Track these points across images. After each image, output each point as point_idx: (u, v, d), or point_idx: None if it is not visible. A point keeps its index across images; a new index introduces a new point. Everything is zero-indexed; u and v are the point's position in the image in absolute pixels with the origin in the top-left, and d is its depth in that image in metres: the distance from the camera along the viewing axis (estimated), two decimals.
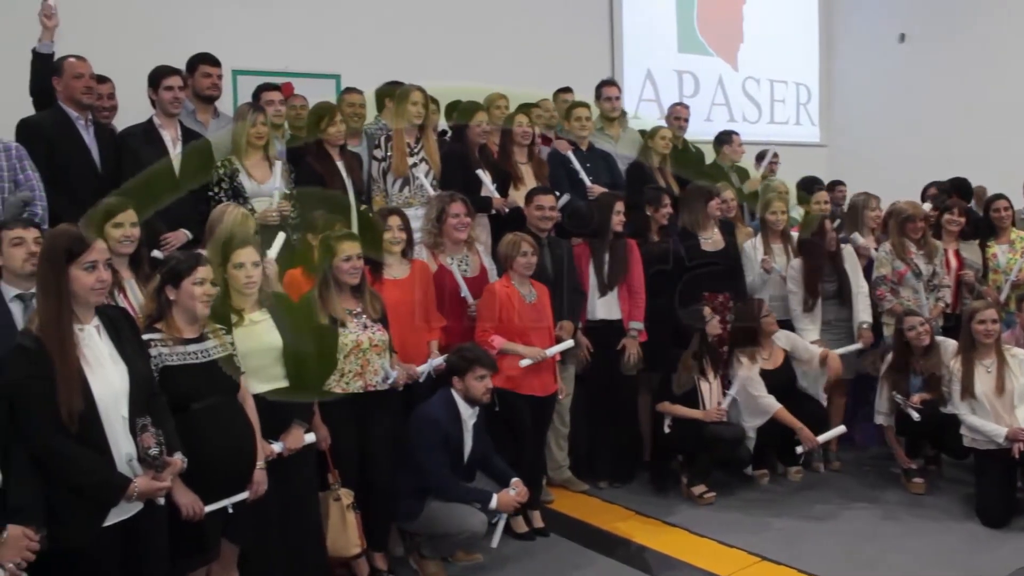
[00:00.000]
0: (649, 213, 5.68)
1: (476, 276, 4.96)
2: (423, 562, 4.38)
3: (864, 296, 5.78)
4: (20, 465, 2.74)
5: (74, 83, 4.71)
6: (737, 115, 10.34)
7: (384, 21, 7.56)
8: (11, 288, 3.44)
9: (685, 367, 5.38)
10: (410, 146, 5.27)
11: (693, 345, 5.38)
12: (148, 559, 3.03)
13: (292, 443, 3.68)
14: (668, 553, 4.64)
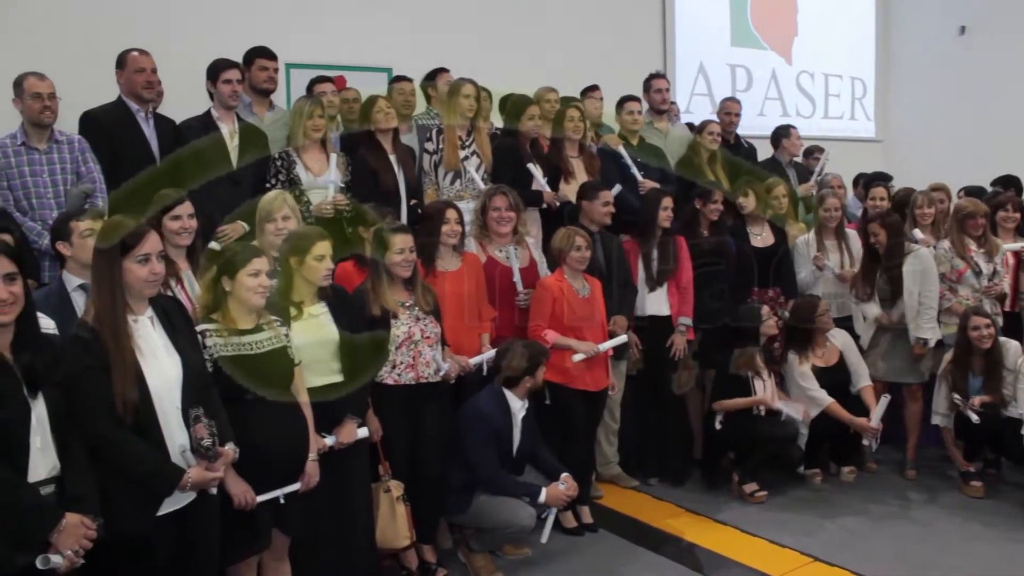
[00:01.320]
0: (699, 208, 5.63)
1: (526, 267, 4.95)
2: (471, 555, 4.39)
3: (930, 314, 5.50)
4: (77, 455, 2.76)
5: (135, 77, 4.80)
6: (791, 110, 10.19)
7: (435, 14, 7.57)
8: (73, 278, 3.50)
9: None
10: (461, 139, 5.28)
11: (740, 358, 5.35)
12: (201, 548, 3.06)
13: (344, 437, 3.70)
14: (718, 551, 4.60)
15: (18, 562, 2.59)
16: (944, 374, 5.34)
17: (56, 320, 3.06)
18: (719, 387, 5.40)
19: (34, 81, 4.44)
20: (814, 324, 5.46)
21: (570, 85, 6.65)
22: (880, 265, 5.57)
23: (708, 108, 9.05)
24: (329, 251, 3.65)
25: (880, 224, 5.58)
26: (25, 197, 4.40)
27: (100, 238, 2.99)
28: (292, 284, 3.67)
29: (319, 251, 3.66)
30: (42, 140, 4.46)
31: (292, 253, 3.67)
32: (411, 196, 5.13)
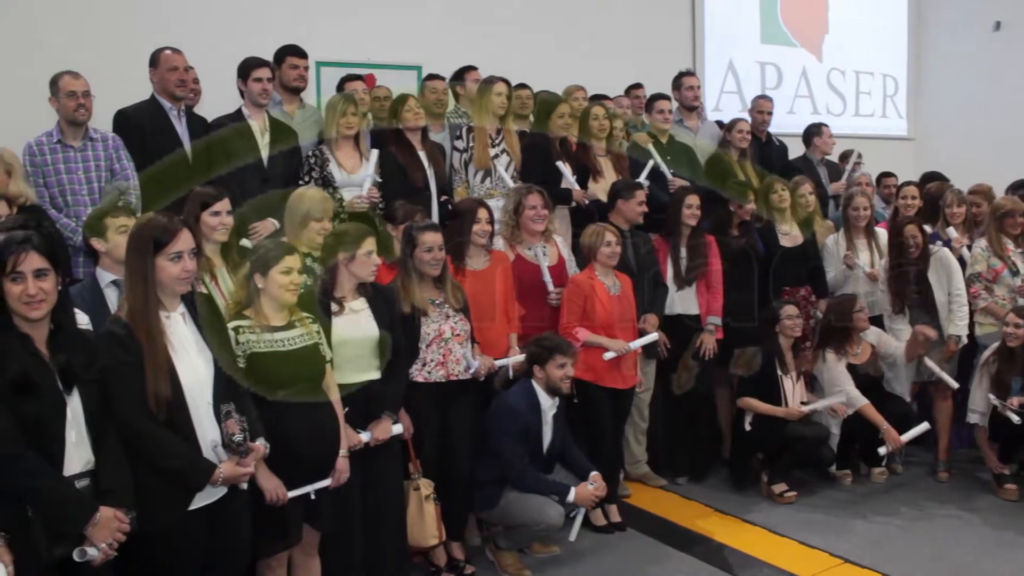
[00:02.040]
0: (733, 208, 5.61)
1: (554, 265, 4.94)
2: (499, 553, 4.39)
3: (962, 308, 5.49)
4: (112, 449, 2.80)
5: (168, 75, 4.84)
6: (821, 108, 10.08)
7: (465, 12, 7.58)
8: (107, 274, 3.53)
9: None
10: (491, 137, 5.27)
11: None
12: (231, 542, 3.09)
13: (380, 433, 3.72)
14: (748, 552, 4.57)
15: (55, 554, 2.64)
16: (983, 374, 5.26)
17: (89, 316, 3.10)
18: (746, 386, 5.37)
19: (69, 80, 4.49)
20: (851, 323, 5.41)
21: (599, 83, 6.66)
22: (910, 269, 5.51)
23: (738, 106, 9.00)
24: (375, 247, 3.70)
25: (918, 226, 5.53)
26: (60, 194, 4.47)
27: (133, 235, 3.03)
28: (336, 280, 3.71)
29: (368, 246, 3.70)
30: (77, 138, 4.52)
31: (341, 249, 3.69)
32: (441, 193, 5.15)
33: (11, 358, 2.61)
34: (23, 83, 5.12)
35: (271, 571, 3.46)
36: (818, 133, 6.95)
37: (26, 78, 5.04)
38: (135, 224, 3.26)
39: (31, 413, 2.61)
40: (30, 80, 4.81)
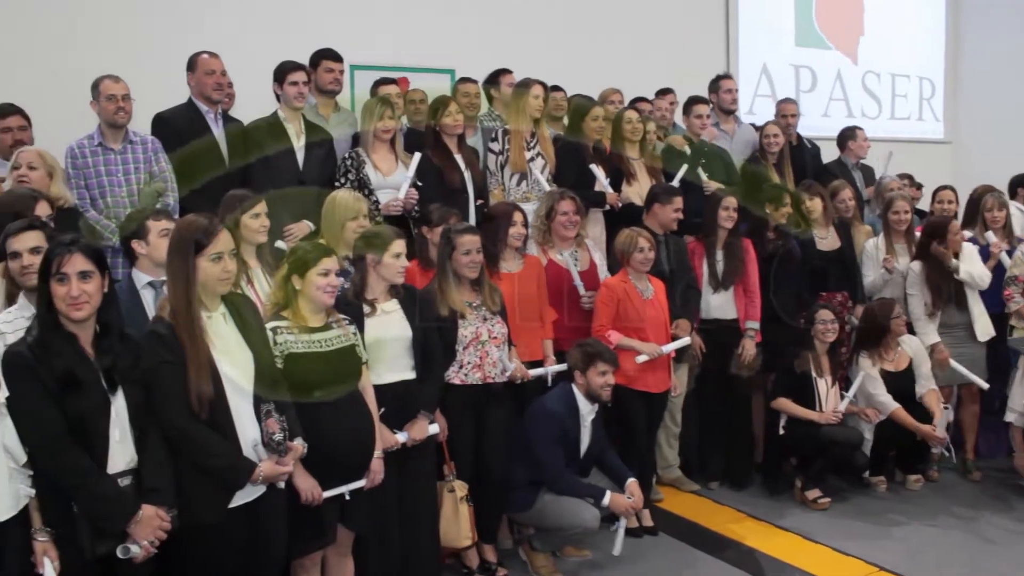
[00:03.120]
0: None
1: (586, 270, 4.94)
2: (532, 555, 4.40)
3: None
4: (154, 447, 2.85)
5: (205, 79, 4.91)
6: (856, 111, 9.98)
7: (498, 16, 7.58)
8: (143, 275, 3.57)
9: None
10: (527, 140, 5.28)
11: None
12: (269, 541, 3.11)
13: (416, 434, 3.74)
14: (781, 558, 4.54)
15: (99, 550, 2.69)
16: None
17: (126, 316, 3.13)
18: (780, 388, 5.33)
19: (109, 83, 4.56)
20: (888, 325, 5.35)
21: (632, 86, 6.64)
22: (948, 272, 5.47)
23: (771, 110, 8.88)
24: (404, 249, 3.73)
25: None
26: (100, 196, 4.52)
27: (174, 237, 3.07)
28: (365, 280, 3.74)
29: (396, 249, 3.72)
30: (117, 140, 4.58)
31: (369, 250, 3.72)
32: (477, 196, 5.16)
33: (58, 357, 2.67)
34: (65, 87, 5.19)
35: (305, 571, 3.48)
36: (852, 137, 6.90)
37: (68, 82, 5.10)
38: (176, 225, 3.31)
39: (77, 411, 2.67)
40: (72, 84, 4.88)
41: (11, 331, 2.89)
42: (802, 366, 5.26)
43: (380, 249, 3.71)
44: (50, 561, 2.63)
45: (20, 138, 4.73)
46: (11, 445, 2.61)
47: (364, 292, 3.74)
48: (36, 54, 5.90)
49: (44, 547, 2.64)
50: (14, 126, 4.75)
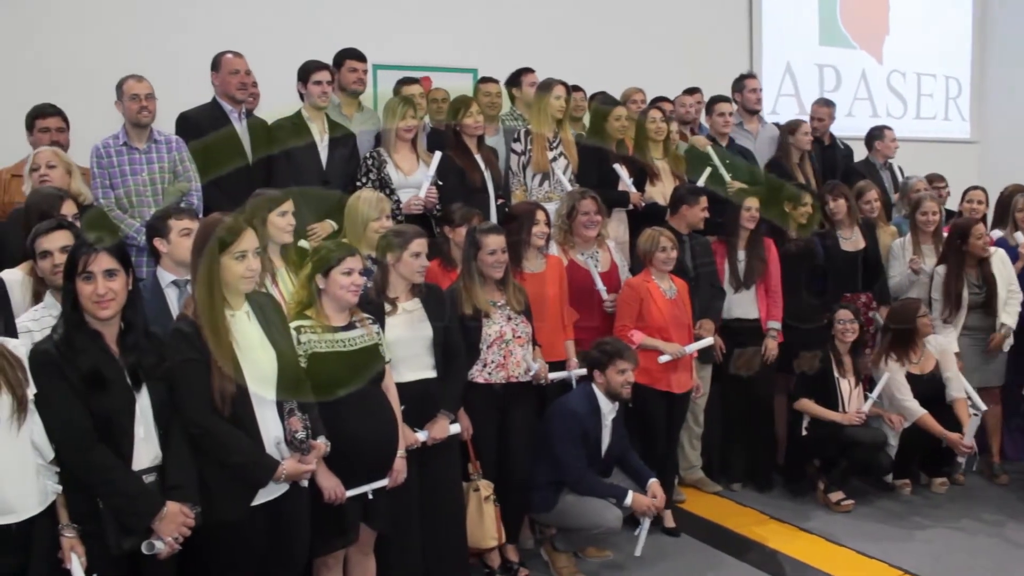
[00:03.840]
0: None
1: (607, 271, 4.93)
2: (554, 555, 4.39)
3: (1016, 300, 5.47)
4: (178, 444, 2.87)
5: (229, 79, 4.93)
6: (881, 110, 9.89)
7: (521, 15, 7.58)
8: (167, 274, 3.58)
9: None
10: (549, 140, 5.27)
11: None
12: (291, 539, 3.12)
13: (437, 433, 3.74)
14: (804, 560, 4.51)
15: (125, 546, 2.71)
16: None
17: (151, 315, 3.15)
18: (802, 389, 5.30)
19: (132, 83, 4.59)
20: (915, 325, 5.30)
21: (655, 85, 6.62)
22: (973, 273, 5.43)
23: (795, 109, 8.88)
24: (425, 248, 3.74)
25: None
26: (126, 195, 4.55)
27: (198, 235, 3.09)
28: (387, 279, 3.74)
29: (416, 248, 3.72)
30: (142, 140, 4.60)
31: (389, 249, 3.73)
32: (498, 195, 5.16)
33: (84, 355, 2.69)
34: (90, 87, 5.23)
35: (328, 569, 3.49)
36: (880, 136, 6.84)
37: (93, 82, 5.15)
38: (200, 224, 3.33)
39: (102, 409, 2.70)
40: (96, 84, 4.92)
41: (38, 329, 2.93)
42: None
43: (400, 248, 3.71)
44: (77, 557, 2.66)
45: (57, 139, 4.78)
46: (39, 442, 2.63)
47: (386, 291, 3.74)
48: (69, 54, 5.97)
49: (71, 543, 2.67)
50: (52, 127, 4.80)
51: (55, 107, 4.85)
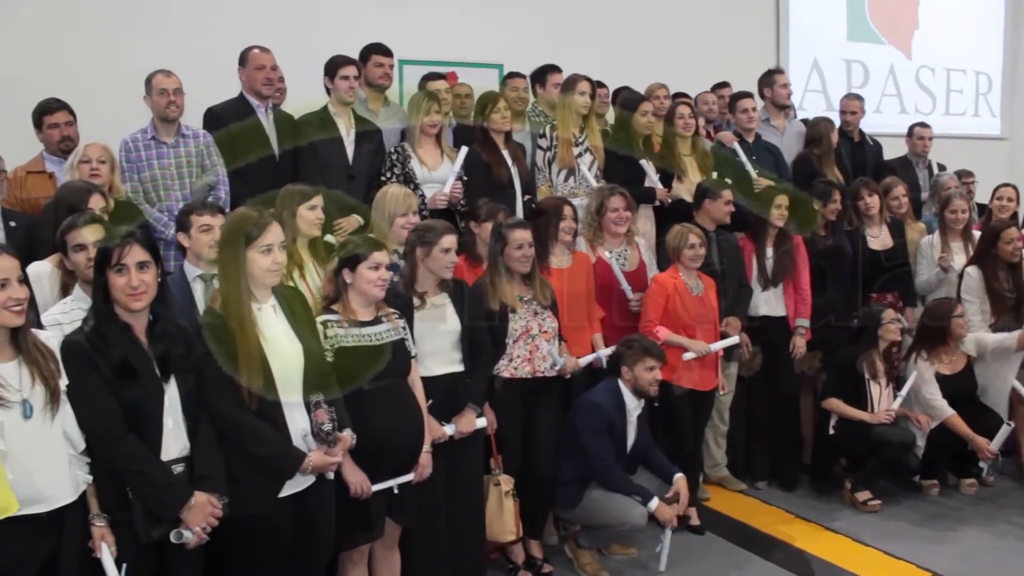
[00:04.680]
0: (817, 208, 5.49)
1: (634, 270, 4.91)
2: (578, 552, 4.38)
3: None
4: (206, 436, 2.89)
5: (255, 74, 4.94)
6: (909, 106, 9.78)
7: (547, 10, 7.57)
8: (193, 268, 3.62)
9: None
10: (574, 135, 5.25)
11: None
12: (317, 531, 3.14)
13: (464, 427, 3.74)
14: (830, 560, 4.47)
15: (153, 535, 2.74)
16: None
17: (178, 308, 3.17)
18: (832, 388, 5.25)
19: (161, 78, 4.62)
20: (949, 325, 5.24)
21: (681, 82, 6.58)
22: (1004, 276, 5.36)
23: (822, 105, 8.81)
24: (455, 244, 3.74)
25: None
26: (154, 188, 4.59)
27: (225, 229, 3.11)
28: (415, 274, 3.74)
29: (446, 244, 3.72)
30: (169, 134, 4.64)
31: (419, 244, 3.73)
32: (524, 191, 5.15)
33: (114, 347, 2.72)
34: (121, 82, 5.27)
35: (353, 564, 3.50)
36: (910, 133, 6.77)
37: (124, 77, 5.18)
38: (227, 217, 3.35)
39: (132, 399, 2.72)
40: (128, 79, 4.95)
41: (68, 322, 2.95)
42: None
43: (430, 243, 3.71)
44: (107, 545, 2.68)
45: (67, 133, 4.82)
46: (71, 432, 2.65)
47: (414, 285, 3.74)
48: (84, 49, 6.02)
49: (101, 532, 2.69)
50: (61, 122, 4.83)
51: (60, 101, 4.88)
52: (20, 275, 2.55)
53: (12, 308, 2.49)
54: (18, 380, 2.53)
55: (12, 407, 2.49)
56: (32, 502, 2.52)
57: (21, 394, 2.52)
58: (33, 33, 5.99)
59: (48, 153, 4.83)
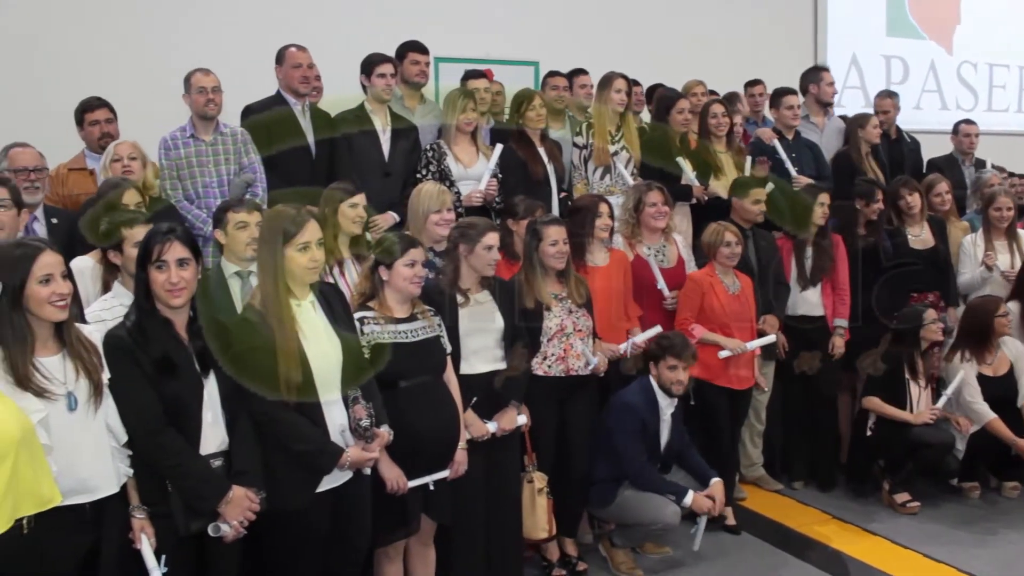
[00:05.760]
0: (859, 207, 5.43)
1: (673, 267, 4.88)
2: (612, 551, 4.37)
3: None
4: (244, 431, 2.91)
5: (292, 72, 4.97)
6: (950, 103, 9.65)
7: (582, 8, 7.56)
8: (230, 265, 3.65)
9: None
10: (611, 133, 5.23)
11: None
12: (353, 526, 3.16)
13: (506, 423, 3.74)
14: (868, 562, 4.42)
15: (192, 528, 2.77)
16: None
17: (215, 304, 3.20)
18: (871, 388, 5.18)
19: (200, 76, 4.67)
20: (992, 324, 5.16)
21: (718, 79, 6.54)
22: None
23: (861, 102, 8.67)
24: (497, 242, 3.74)
25: None
26: (192, 186, 4.63)
27: (263, 227, 3.14)
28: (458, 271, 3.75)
29: (488, 241, 3.72)
30: (208, 132, 4.68)
31: (461, 241, 3.73)
32: (560, 189, 5.14)
33: (155, 342, 2.75)
34: (160, 80, 5.34)
35: (388, 560, 3.51)
36: (955, 131, 6.67)
37: (163, 75, 5.24)
38: (265, 215, 3.37)
39: (172, 394, 2.75)
40: (167, 77, 5.01)
41: (110, 318, 2.99)
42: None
43: (473, 240, 3.71)
44: (147, 537, 2.71)
45: (107, 130, 4.89)
46: (113, 425, 2.69)
47: (457, 283, 3.75)
48: (124, 47, 6.10)
49: (141, 524, 2.72)
50: (101, 119, 4.90)
51: (101, 99, 4.95)
52: (64, 270, 2.59)
53: (57, 303, 2.53)
54: (63, 373, 2.57)
55: (57, 400, 2.52)
56: (75, 493, 2.55)
57: (66, 387, 2.56)
58: (74, 32, 6.07)
59: (89, 150, 4.90)
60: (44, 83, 5.84)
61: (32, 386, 2.46)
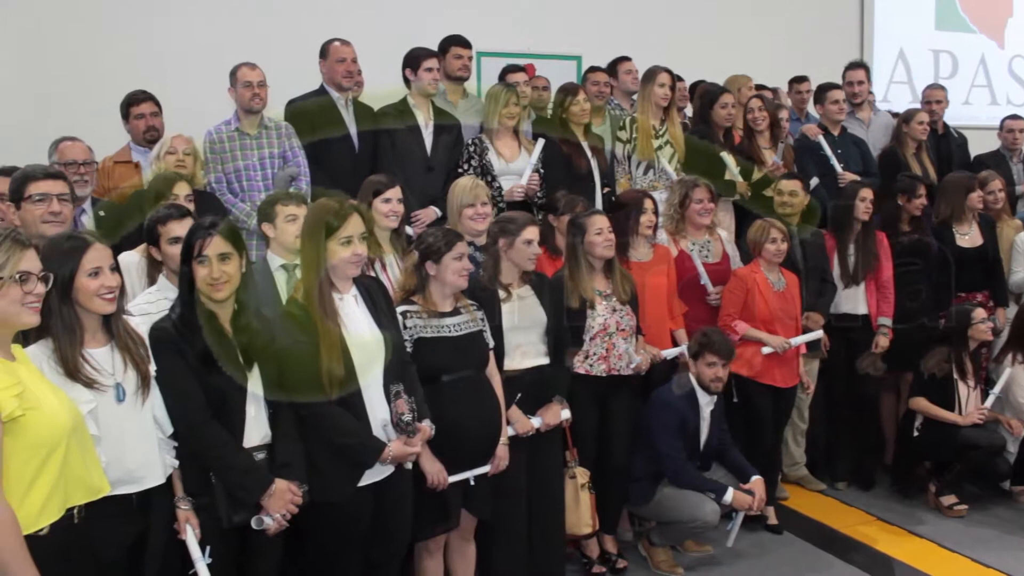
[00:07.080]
0: (901, 203, 5.34)
1: (717, 263, 4.83)
2: (652, 549, 4.35)
3: None
4: (287, 425, 2.93)
5: (336, 67, 5.00)
6: (1000, 98, 9.42)
7: (625, 2, 7.50)
8: (276, 258, 3.66)
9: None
10: (655, 128, 5.19)
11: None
12: (394, 520, 3.16)
13: (550, 419, 3.73)
14: (913, 565, 4.36)
15: (235, 520, 2.79)
16: None
17: (261, 297, 3.19)
18: (919, 388, 5.09)
19: (246, 71, 4.71)
20: None
21: (763, 72, 6.46)
22: None
23: (908, 97, 8.53)
24: (537, 236, 3.71)
25: None
26: (237, 179, 4.68)
27: (306, 220, 3.14)
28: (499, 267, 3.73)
29: (528, 235, 3.69)
30: (253, 126, 4.72)
31: (501, 236, 3.72)
32: (603, 184, 5.11)
33: (199, 335, 2.77)
34: (206, 74, 5.39)
35: (428, 554, 3.52)
36: (1000, 126, 6.52)
37: (209, 70, 5.29)
38: (308, 209, 3.38)
39: (216, 387, 2.77)
40: (213, 71, 5.05)
41: (156, 311, 3.01)
42: (942, 368, 5.00)
43: (513, 234, 3.69)
44: (192, 528, 2.74)
45: (152, 124, 4.92)
46: (160, 416, 2.72)
47: (498, 277, 3.73)
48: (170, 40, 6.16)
49: (186, 515, 2.75)
50: (147, 112, 4.94)
51: (146, 93, 4.98)
52: (112, 263, 2.61)
53: (105, 296, 2.55)
54: (111, 365, 2.60)
55: (106, 391, 2.55)
56: (123, 483, 2.58)
57: (114, 378, 2.59)
58: (120, 26, 6.14)
59: (134, 143, 4.95)
60: (90, 77, 5.91)
61: (82, 377, 2.49)
